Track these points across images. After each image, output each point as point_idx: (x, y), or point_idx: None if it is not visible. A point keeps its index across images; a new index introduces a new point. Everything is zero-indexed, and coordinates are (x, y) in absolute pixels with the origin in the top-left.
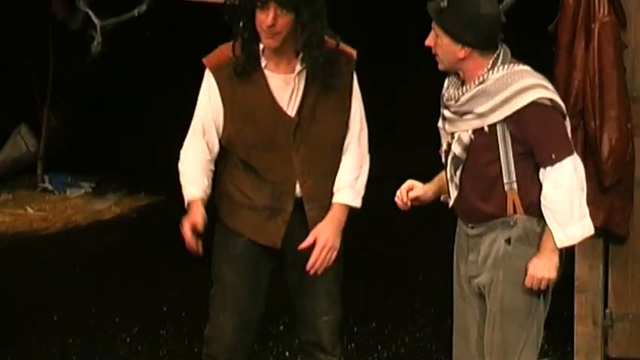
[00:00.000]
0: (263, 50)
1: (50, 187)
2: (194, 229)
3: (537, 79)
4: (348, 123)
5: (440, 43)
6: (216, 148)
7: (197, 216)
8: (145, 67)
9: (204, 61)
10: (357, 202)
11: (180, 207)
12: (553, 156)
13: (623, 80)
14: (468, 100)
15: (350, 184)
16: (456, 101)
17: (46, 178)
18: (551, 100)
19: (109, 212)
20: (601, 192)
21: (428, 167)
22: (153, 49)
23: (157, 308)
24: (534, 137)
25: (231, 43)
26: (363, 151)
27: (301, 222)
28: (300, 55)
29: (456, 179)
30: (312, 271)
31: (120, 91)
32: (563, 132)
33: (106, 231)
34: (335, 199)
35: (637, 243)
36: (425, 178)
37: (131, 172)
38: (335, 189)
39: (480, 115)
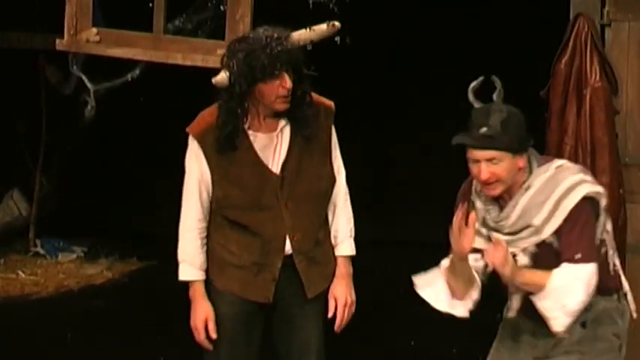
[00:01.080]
0: (246, 110)
1: (42, 252)
2: (206, 325)
3: (579, 172)
4: (333, 174)
5: (504, 166)
6: (207, 211)
7: (205, 312)
8: (136, 132)
9: (188, 130)
10: (354, 250)
11: (171, 272)
12: (578, 256)
13: (615, 146)
14: (519, 218)
15: (349, 235)
16: (506, 220)
17: (38, 242)
18: (597, 193)
19: (100, 277)
20: None
21: (417, 233)
22: (145, 114)
23: None
24: (569, 231)
25: (211, 109)
26: (348, 198)
27: (288, 277)
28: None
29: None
30: (338, 330)
31: (112, 157)
32: (594, 237)
33: (97, 295)
34: (339, 253)
35: None
36: (414, 244)
37: (123, 236)
38: (334, 242)
39: (538, 228)
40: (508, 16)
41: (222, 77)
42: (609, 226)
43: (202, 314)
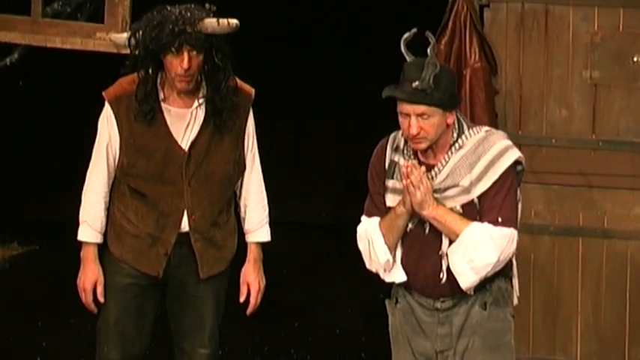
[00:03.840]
0: (162, 83)
1: None
2: (93, 288)
3: (507, 139)
4: (243, 161)
5: (433, 121)
6: (112, 176)
7: (95, 274)
8: (16, 119)
9: (104, 93)
10: (269, 237)
11: (54, 257)
12: (500, 219)
13: (495, 126)
14: (448, 176)
15: (265, 222)
16: (433, 179)
17: None
18: (521, 157)
19: None
20: None
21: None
22: (26, 100)
23: (31, 359)
24: (494, 195)
25: (130, 78)
26: (262, 186)
27: (183, 255)
28: (202, 90)
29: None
30: (250, 314)
31: None
32: (517, 203)
33: None
34: (252, 239)
35: None
36: (322, 227)
37: (2, 222)
38: (247, 227)
39: (466, 188)
40: None
41: (121, 36)
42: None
43: (92, 276)
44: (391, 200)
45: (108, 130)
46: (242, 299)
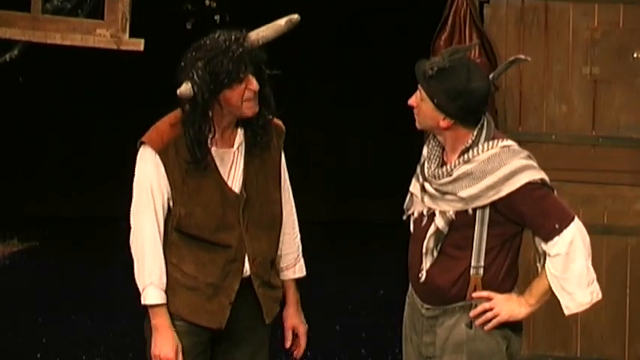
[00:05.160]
0: (209, 123)
1: None
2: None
3: (524, 158)
4: (283, 198)
5: (423, 106)
6: (162, 229)
7: (175, 340)
8: (14, 115)
9: (148, 142)
10: (304, 271)
11: (54, 253)
12: (557, 226)
13: (495, 122)
14: (450, 182)
15: (300, 257)
16: (437, 178)
17: None
18: (541, 179)
19: None
20: None
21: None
22: (25, 96)
23: (30, 355)
24: (532, 215)
25: (168, 120)
26: (296, 220)
27: (242, 302)
28: (240, 128)
29: (436, 252)
30: (298, 357)
31: None
32: (559, 202)
33: None
34: (289, 276)
35: None
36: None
37: (2, 219)
38: (284, 265)
39: (463, 199)
40: None
41: (185, 88)
42: None
43: (173, 343)
44: (412, 184)
45: (157, 181)
46: (288, 344)
